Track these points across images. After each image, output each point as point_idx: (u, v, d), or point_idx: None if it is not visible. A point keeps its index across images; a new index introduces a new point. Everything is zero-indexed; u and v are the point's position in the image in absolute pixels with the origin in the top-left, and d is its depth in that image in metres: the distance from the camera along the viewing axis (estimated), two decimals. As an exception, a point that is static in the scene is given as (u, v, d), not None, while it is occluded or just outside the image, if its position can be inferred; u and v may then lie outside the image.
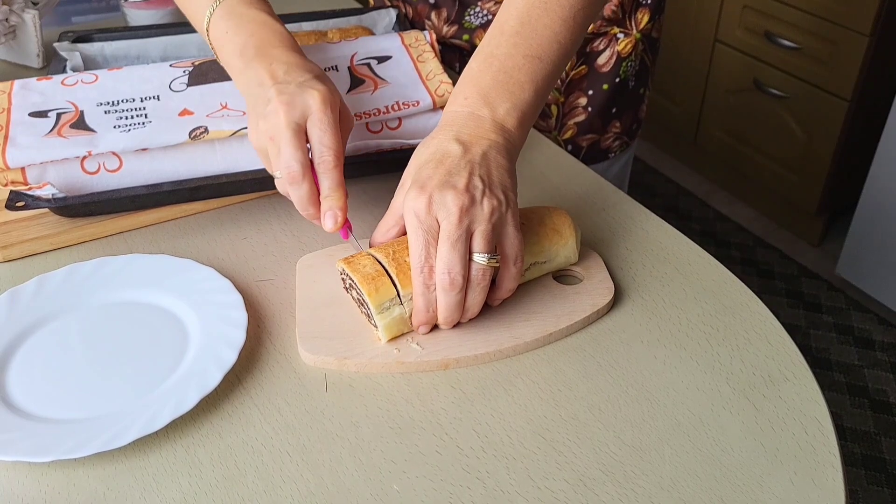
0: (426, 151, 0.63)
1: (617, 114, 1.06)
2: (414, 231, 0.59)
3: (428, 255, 0.59)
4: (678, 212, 2.42)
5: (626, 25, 1.00)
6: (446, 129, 0.64)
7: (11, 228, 0.73)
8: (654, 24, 1.03)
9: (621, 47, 1.00)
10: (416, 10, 1.06)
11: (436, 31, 1.06)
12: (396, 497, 0.53)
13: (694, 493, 0.53)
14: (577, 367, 0.63)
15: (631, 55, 1.02)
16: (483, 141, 0.63)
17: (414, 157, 0.64)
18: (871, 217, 1.95)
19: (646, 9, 1.00)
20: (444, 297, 0.60)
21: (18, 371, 0.61)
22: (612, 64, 1.01)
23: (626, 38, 1.00)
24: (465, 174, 0.60)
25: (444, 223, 0.59)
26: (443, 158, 0.61)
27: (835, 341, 1.98)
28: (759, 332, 0.66)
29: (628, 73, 1.03)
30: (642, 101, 1.10)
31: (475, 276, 0.60)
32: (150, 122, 0.77)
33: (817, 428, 0.58)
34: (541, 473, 0.55)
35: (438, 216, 0.59)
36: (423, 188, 0.59)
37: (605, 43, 1.00)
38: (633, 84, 1.05)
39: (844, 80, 1.98)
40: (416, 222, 0.59)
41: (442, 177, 0.60)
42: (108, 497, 0.53)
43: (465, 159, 0.61)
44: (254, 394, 0.60)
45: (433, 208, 0.59)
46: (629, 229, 0.76)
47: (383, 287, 0.61)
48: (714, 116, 2.37)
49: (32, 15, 1.03)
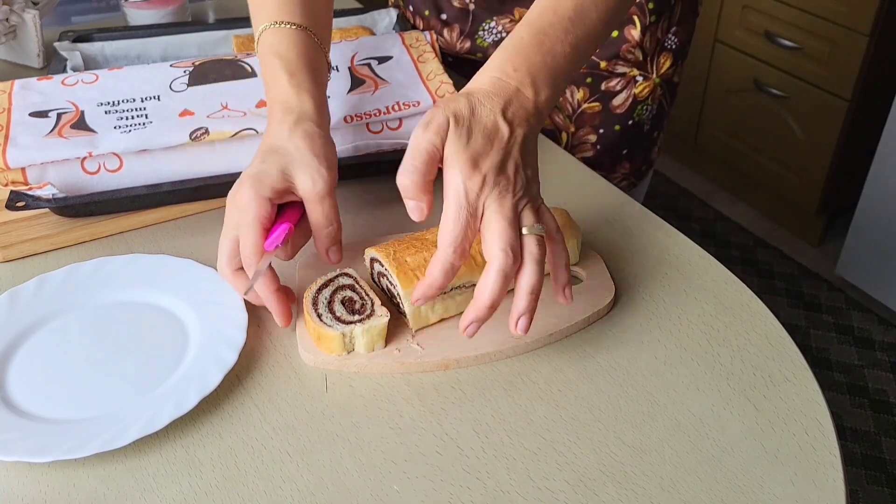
0: (475, 113, 0.60)
1: (627, 155, 1.03)
2: (457, 209, 0.57)
3: (465, 236, 0.57)
4: (678, 212, 2.42)
5: (647, 69, 0.97)
6: (494, 98, 0.61)
7: (11, 228, 0.73)
8: (675, 69, 1.00)
9: (639, 90, 0.98)
10: (429, 24, 1.04)
11: (449, 48, 1.04)
12: (396, 497, 0.53)
13: (694, 493, 0.53)
14: (577, 367, 0.63)
15: (648, 99, 0.99)
16: (524, 124, 0.62)
17: (456, 106, 0.60)
18: (871, 217, 1.95)
19: (669, 53, 0.97)
20: (497, 279, 0.56)
21: (18, 371, 0.61)
22: (628, 106, 0.98)
23: (645, 81, 0.97)
24: (513, 161, 0.59)
25: (499, 204, 0.57)
26: (492, 134, 0.59)
27: (835, 341, 1.98)
28: (759, 332, 0.66)
29: (644, 116, 1.00)
30: (655, 144, 1.06)
31: (532, 250, 0.58)
32: (151, 122, 0.77)
33: (817, 428, 0.58)
34: (541, 474, 0.55)
35: (487, 200, 0.57)
36: (476, 166, 0.58)
37: (623, 84, 0.97)
38: (647, 128, 1.02)
39: (844, 80, 1.98)
40: (464, 202, 0.57)
41: (496, 159, 0.58)
42: (108, 497, 0.53)
43: (513, 142, 0.60)
44: (254, 394, 0.60)
45: (484, 192, 0.57)
46: (629, 229, 0.76)
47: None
48: (714, 116, 2.37)
49: (33, 15, 1.03)
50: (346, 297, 0.64)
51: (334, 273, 0.66)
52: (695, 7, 1.00)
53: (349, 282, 0.65)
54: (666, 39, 0.97)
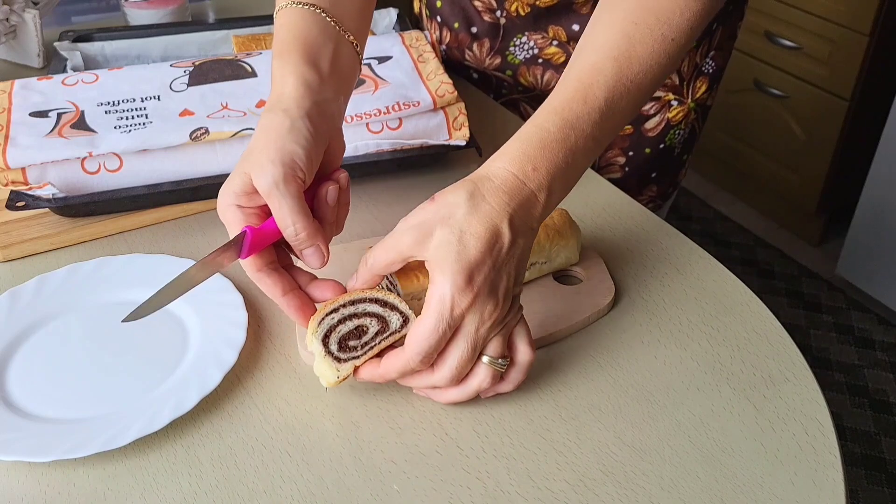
0: (478, 213, 0.54)
1: (656, 178, 1.01)
2: (438, 320, 0.53)
3: (437, 348, 0.54)
4: (678, 212, 2.41)
5: (682, 94, 0.94)
6: (505, 198, 0.55)
7: (11, 228, 0.73)
8: (710, 93, 0.97)
9: (672, 115, 0.95)
10: (458, 38, 1.00)
11: (477, 63, 1.01)
12: (396, 497, 0.53)
13: (694, 493, 0.53)
14: (577, 367, 0.63)
15: (681, 123, 0.96)
16: (528, 232, 0.56)
17: (459, 203, 0.54)
18: (871, 217, 1.95)
19: (706, 78, 0.95)
20: (427, 382, 0.56)
21: (18, 371, 0.61)
22: (660, 130, 0.96)
23: (680, 105, 0.95)
24: (507, 278, 0.55)
25: (474, 327, 0.54)
26: (494, 241, 0.54)
27: (835, 341, 1.98)
28: (759, 332, 0.66)
29: (675, 140, 0.98)
30: (683, 166, 1.04)
31: (480, 379, 0.56)
32: (151, 122, 0.77)
33: (817, 428, 0.58)
34: (541, 474, 0.55)
35: (468, 317, 0.54)
36: (470, 281, 0.53)
37: (657, 108, 0.95)
38: (677, 151, 1.00)
39: (844, 80, 1.98)
40: (448, 316, 0.53)
41: (489, 275, 0.53)
42: (108, 497, 0.53)
43: (511, 254, 0.55)
44: (254, 394, 0.60)
45: (471, 311, 0.53)
46: (629, 229, 0.76)
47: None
48: (714, 116, 2.37)
49: (33, 15, 1.03)
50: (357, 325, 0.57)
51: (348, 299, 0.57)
52: (734, 32, 0.97)
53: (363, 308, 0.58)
54: (704, 64, 0.94)
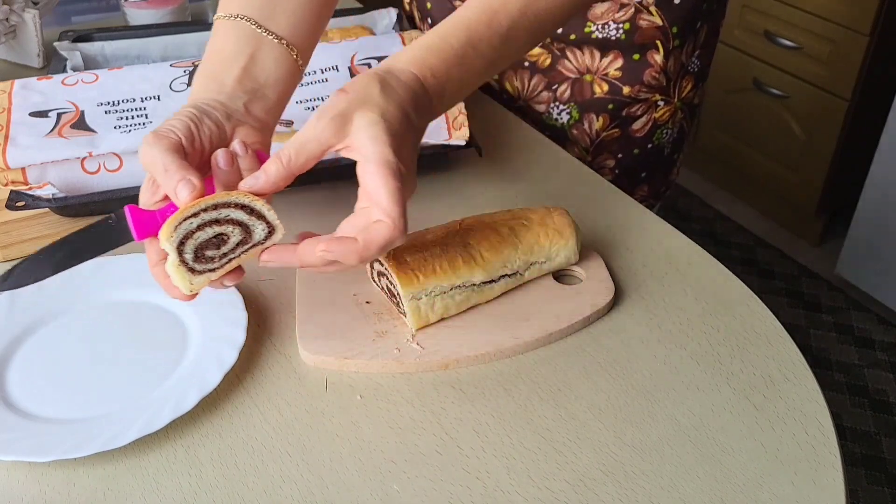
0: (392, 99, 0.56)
1: (646, 178, 1.01)
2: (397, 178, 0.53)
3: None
4: (678, 212, 2.41)
5: (669, 93, 0.95)
6: (409, 93, 0.57)
7: (11, 228, 0.73)
8: (696, 91, 0.98)
9: (659, 114, 0.96)
10: None
11: None
12: (396, 497, 0.53)
13: (694, 493, 0.53)
14: (577, 367, 0.63)
15: (668, 123, 0.97)
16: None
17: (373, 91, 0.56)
18: (871, 217, 1.95)
19: (691, 76, 0.95)
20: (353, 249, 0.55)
21: (18, 371, 0.61)
22: (647, 130, 0.96)
23: (666, 105, 0.95)
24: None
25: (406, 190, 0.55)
26: (408, 123, 0.56)
27: (835, 341, 1.97)
28: (759, 332, 0.66)
29: (664, 139, 0.98)
30: (674, 165, 1.04)
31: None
32: (151, 122, 0.77)
33: (817, 428, 0.58)
34: (541, 473, 0.55)
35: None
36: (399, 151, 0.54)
37: (644, 109, 0.95)
38: (667, 151, 1.01)
39: (844, 80, 1.98)
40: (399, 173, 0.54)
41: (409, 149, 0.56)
42: (108, 497, 0.53)
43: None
44: (254, 394, 0.60)
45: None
46: (629, 229, 0.76)
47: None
48: (714, 116, 2.37)
49: (33, 14, 1.03)
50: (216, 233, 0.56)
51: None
52: (717, 29, 0.97)
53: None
54: (689, 63, 0.95)
